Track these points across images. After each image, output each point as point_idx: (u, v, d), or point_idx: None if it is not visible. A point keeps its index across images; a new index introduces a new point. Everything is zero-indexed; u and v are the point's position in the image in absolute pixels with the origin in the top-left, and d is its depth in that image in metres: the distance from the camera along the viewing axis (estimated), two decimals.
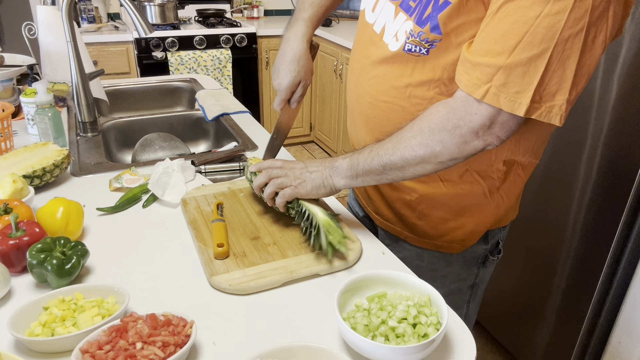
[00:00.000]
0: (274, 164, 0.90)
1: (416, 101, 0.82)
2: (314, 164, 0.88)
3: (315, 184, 0.85)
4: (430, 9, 0.75)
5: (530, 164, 0.90)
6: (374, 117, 0.90)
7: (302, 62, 0.98)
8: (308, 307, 0.75)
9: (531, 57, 0.65)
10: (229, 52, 3.12)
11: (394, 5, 0.82)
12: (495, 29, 0.68)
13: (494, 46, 0.68)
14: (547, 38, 0.64)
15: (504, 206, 0.92)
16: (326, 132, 3.54)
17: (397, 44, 0.81)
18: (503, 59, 0.67)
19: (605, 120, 1.35)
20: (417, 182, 0.90)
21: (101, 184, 1.10)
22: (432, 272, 0.98)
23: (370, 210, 1.05)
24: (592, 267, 1.45)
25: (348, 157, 0.84)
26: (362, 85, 0.91)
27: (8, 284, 0.74)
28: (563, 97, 0.67)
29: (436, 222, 0.93)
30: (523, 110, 0.68)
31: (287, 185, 0.86)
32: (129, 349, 0.59)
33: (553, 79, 0.66)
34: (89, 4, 3.15)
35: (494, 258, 1.00)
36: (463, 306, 1.05)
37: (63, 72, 1.54)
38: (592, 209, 1.43)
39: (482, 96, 0.69)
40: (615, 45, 1.29)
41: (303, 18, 1.01)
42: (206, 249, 0.85)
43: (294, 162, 0.90)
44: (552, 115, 0.69)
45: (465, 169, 0.86)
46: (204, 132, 1.65)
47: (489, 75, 0.69)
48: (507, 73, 0.67)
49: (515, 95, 0.68)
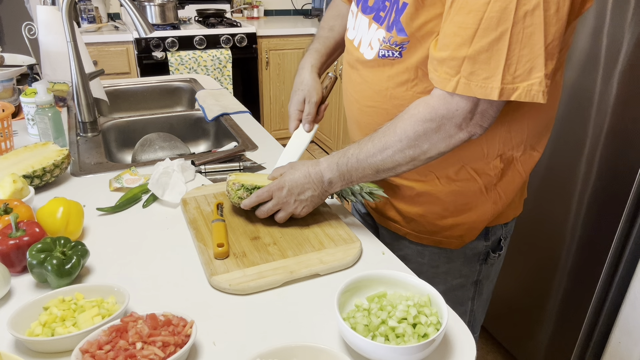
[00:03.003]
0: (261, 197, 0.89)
1: (397, 102, 0.85)
2: (300, 183, 0.87)
3: (315, 203, 0.90)
4: (393, 15, 0.79)
5: (529, 158, 0.90)
6: (364, 123, 0.94)
7: (305, 82, 1.03)
8: (308, 307, 0.75)
9: (492, 41, 0.67)
10: (229, 52, 3.12)
11: (368, 18, 0.87)
12: (452, 23, 0.70)
13: (454, 39, 0.70)
14: (503, 20, 0.65)
15: (502, 203, 0.92)
16: (326, 132, 3.54)
17: (372, 52, 0.86)
18: (465, 49, 0.69)
19: (605, 120, 1.35)
20: (414, 180, 0.91)
21: (101, 184, 1.10)
22: (434, 268, 0.99)
23: (370, 209, 1.07)
24: (592, 267, 1.45)
25: (336, 169, 0.86)
26: (351, 93, 0.96)
27: (8, 284, 0.74)
28: (539, 72, 0.68)
29: (434, 218, 0.94)
30: (496, 93, 0.69)
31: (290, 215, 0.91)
32: (129, 349, 0.59)
33: (522, 57, 0.67)
34: (89, 4, 3.15)
35: (495, 255, 1.01)
36: (467, 302, 1.06)
37: (63, 72, 1.54)
38: (592, 209, 1.43)
39: (453, 88, 0.71)
40: (615, 45, 1.29)
41: (311, 49, 1.09)
42: (206, 249, 0.85)
43: (279, 189, 0.88)
44: (533, 93, 0.69)
45: (461, 166, 0.87)
46: (204, 132, 1.65)
47: (456, 68, 0.70)
48: (473, 61, 0.69)
49: (485, 81, 0.69)
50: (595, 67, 1.36)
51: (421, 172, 0.89)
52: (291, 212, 0.90)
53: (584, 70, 1.39)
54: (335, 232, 0.90)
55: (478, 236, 0.96)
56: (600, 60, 1.34)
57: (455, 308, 0.77)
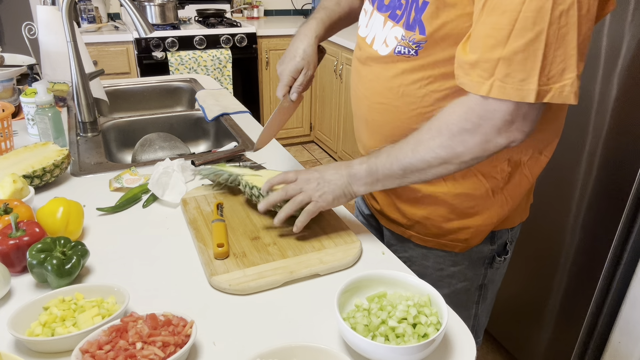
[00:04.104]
0: (287, 177, 0.87)
1: (409, 100, 0.84)
2: (329, 172, 0.86)
3: (336, 195, 0.84)
4: (413, 13, 0.78)
5: (537, 162, 0.89)
6: (372, 120, 0.92)
7: (307, 52, 1.00)
8: (308, 307, 0.75)
9: (527, 41, 0.65)
10: (229, 52, 3.12)
11: (383, 16, 0.86)
12: (485, 24, 0.68)
13: (487, 40, 0.67)
14: (539, 20, 0.64)
15: (508, 207, 0.91)
16: (326, 132, 3.54)
17: (387, 49, 0.84)
18: (500, 50, 0.66)
19: (605, 120, 1.35)
20: (420, 182, 0.90)
21: (101, 184, 1.10)
22: (439, 271, 0.98)
23: (375, 211, 1.06)
24: (592, 267, 1.45)
25: (365, 163, 0.83)
26: (361, 90, 0.94)
27: (8, 284, 0.74)
28: (572, 73, 0.67)
29: (440, 221, 0.93)
30: (533, 96, 0.66)
31: (307, 200, 0.85)
32: (129, 349, 0.59)
33: (557, 58, 0.66)
34: (89, 4, 3.15)
35: (501, 259, 1.00)
36: (472, 306, 1.05)
37: (63, 72, 1.54)
38: (592, 209, 1.43)
39: (487, 92, 0.68)
40: (615, 45, 1.29)
41: (316, 17, 1.05)
42: (206, 249, 0.85)
43: (307, 172, 0.87)
44: (565, 94, 0.67)
45: (468, 169, 0.86)
46: (204, 132, 1.65)
47: (490, 70, 0.68)
48: (508, 63, 0.66)
49: (521, 83, 0.67)
50: (595, 67, 1.36)
51: None
52: (310, 195, 0.84)
53: (584, 70, 1.39)
54: (335, 232, 0.90)
55: (484, 240, 0.95)
56: (600, 60, 1.34)
57: (459, 312, 0.76)
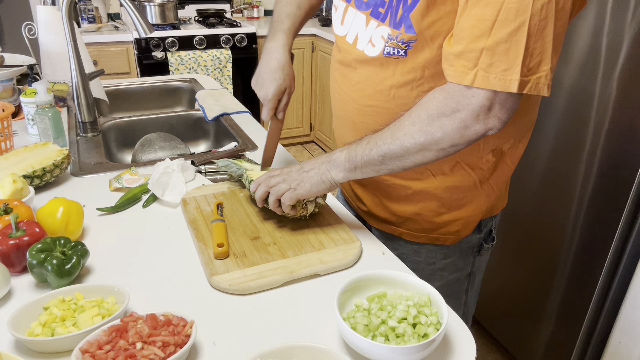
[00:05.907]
0: (271, 173, 0.90)
1: (401, 102, 0.84)
2: (310, 162, 0.88)
3: (314, 182, 0.85)
4: (401, 11, 0.77)
5: (516, 150, 0.92)
6: (361, 123, 0.92)
7: (286, 71, 1.00)
8: (308, 307, 0.75)
9: (510, 32, 0.66)
10: (229, 52, 3.12)
11: (364, 14, 0.85)
12: (469, 16, 0.69)
13: (472, 31, 0.69)
14: (521, 11, 0.65)
15: (494, 195, 0.94)
16: (326, 132, 3.54)
17: (374, 49, 0.84)
18: (484, 40, 0.68)
19: (605, 120, 1.35)
20: (410, 179, 0.92)
21: (101, 184, 1.10)
22: (430, 265, 1.00)
23: (362, 212, 1.06)
24: (592, 267, 1.45)
25: (345, 150, 0.83)
26: (347, 92, 0.93)
27: (8, 284, 0.74)
28: (547, 66, 0.68)
29: (430, 215, 0.94)
30: (515, 86, 0.68)
31: (286, 189, 0.86)
32: (129, 349, 0.59)
33: (535, 50, 0.67)
34: (89, 4, 3.15)
35: (489, 246, 1.03)
36: (462, 295, 1.07)
37: (63, 72, 1.54)
38: (592, 208, 1.43)
39: (471, 81, 0.70)
40: (615, 45, 1.29)
41: (283, 29, 1.04)
42: (206, 249, 0.85)
43: (291, 166, 0.89)
44: (540, 86, 0.69)
45: (455, 162, 0.88)
46: (204, 132, 1.65)
47: (473, 60, 0.69)
48: (491, 53, 0.68)
49: (504, 72, 0.68)
50: (595, 67, 1.36)
51: (417, 170, 0.89)
52: (289, 184, 0.86)
53: (584, 70, 1.39)
54: (335, 232, 0.90)
55: (472, 230, 0.98)
56: (600, 60, 1.34)
57: (450, 302, 0.77)
